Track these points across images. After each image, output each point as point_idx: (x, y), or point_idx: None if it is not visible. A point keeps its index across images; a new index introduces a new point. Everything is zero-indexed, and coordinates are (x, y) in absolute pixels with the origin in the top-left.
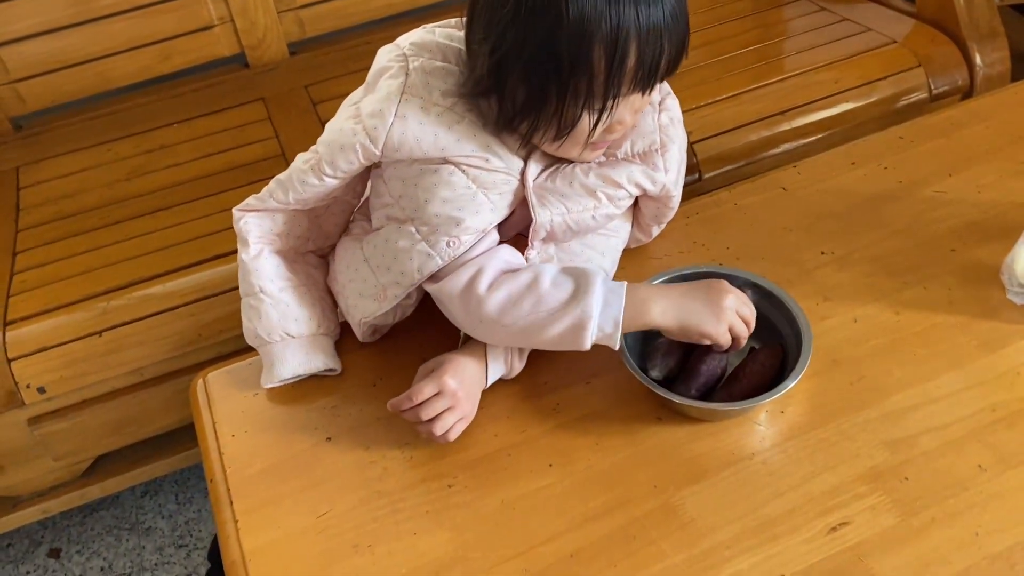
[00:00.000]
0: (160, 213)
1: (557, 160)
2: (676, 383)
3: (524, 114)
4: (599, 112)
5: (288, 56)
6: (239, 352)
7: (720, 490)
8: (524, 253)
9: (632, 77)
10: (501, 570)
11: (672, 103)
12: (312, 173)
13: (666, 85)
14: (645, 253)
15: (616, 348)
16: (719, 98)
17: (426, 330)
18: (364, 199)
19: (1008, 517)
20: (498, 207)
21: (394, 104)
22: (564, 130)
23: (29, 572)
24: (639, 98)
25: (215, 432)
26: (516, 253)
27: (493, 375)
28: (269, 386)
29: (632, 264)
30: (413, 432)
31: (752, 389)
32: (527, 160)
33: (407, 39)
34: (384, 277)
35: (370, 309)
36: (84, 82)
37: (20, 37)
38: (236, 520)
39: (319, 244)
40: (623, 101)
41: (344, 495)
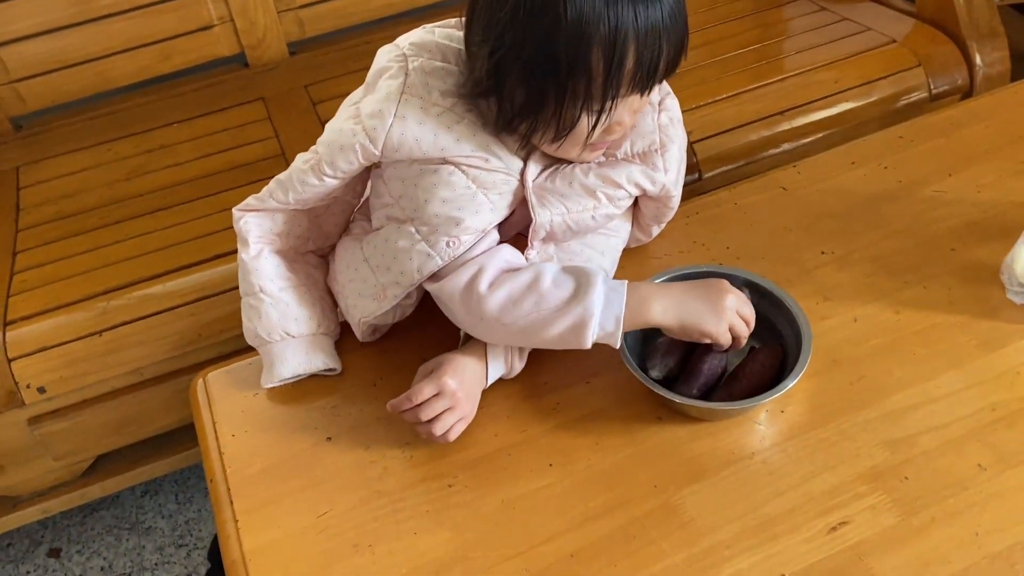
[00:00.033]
0: (160, 213)
1: (557, 160)
2: (677, 383)
3: (523, 115)
4: (598, 113)
5: (288, 56)
6: (239, 352)
7: (720, 490)
8: (524, 253)
9: (631, 78)
10: (501, 569)
11: (672, 103)
12: (312, 173)
13: (666, 85)
14: (645, 253)
15: (617, 347)
16: (719, 98)
17: (426, 329)
18: (364, 199)
19: (1008, 516)
20: (498, 207)
21: (394, 104)
22: (563, 131)
23: (29, 572)
24: (638, 99)
25: (215, 432)
26: (516, 253)
27: (493, 375)
28: (269, 386)
29: (632, 264)
30: (413, 432)
31: (752, 389)
32: (527, 160)
33: (407, 39)
34: (384, 277)
35: (370, 309)
36: (84, 82)
37: (20, 37)
38: (236, 520)
39: (319, 244)
40: (622, 102)
41: (344, 495)
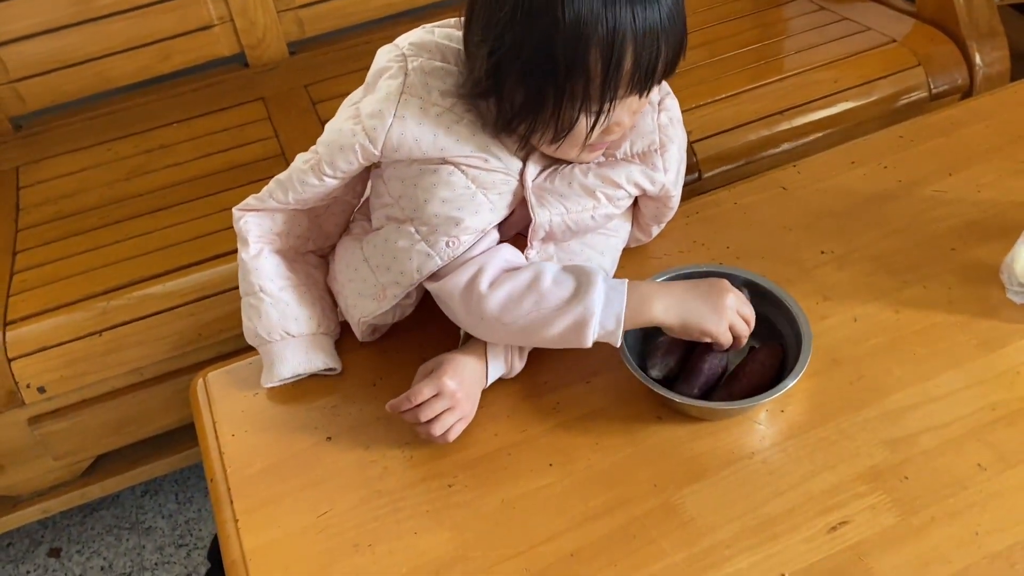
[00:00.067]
0: (160, 213)
1: (556, 160)
2: (677, 382)
3: (522, 116)
4: (596, 115)
5: (288, 56)
6: (239, 352)
7: (720, 489)
8: (523, 253)
9: (629, 80)
10: (501, 569)
11: (671, 103)
12: (312, 173)
13: (665, 85)
14: (645, 252)
15: (618, 345)
16: (719, 97)
17: (426, 329)
18: (364, 199)
19: (1008, 516)
20: (497, 207)
21: (393, 104)
22: (561, 132)
23: (29, 572)
24: (636, 100)
25: (215, 432)
26: (516, 252)
27: (493, 374)
28: (269, 385)
29: (632, 263)
30: (413, 432)
31: (752, 388)
32: (526, 160)
33: (406, 39)
34: (383, 277)
35: (369, 309)
36: (84, 82)
37: (20, 37)
38: (236, 519)
39: (319, 244)
40: (620, 103)
41: (344, 494)
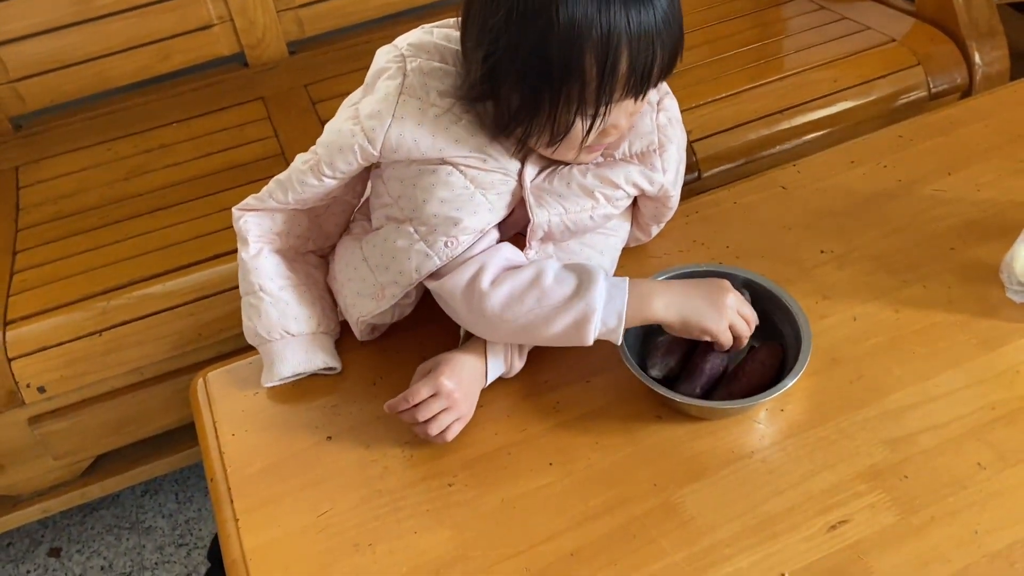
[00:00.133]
0: (159, 212)
1: (555, 160)
2: (679, 381)
3: (518, 120)
4: (592, 118)
5: (287, 55)
6: (239, 351)
7: (720, 488)
8: (523, 253)
9: (624, 83)
10: (501, 568)
11: (670, 103)
12: (311, 174)
13: (664, 85)
14: (645, 252)
15: (618, 343)
16: (718, 97)
17: (426, 328)
18: (365, 199)
19: (1007, 515)
20: (496, 207)
21: (392, 105)
22: (557, 136)
23: (29, 571)
24: (632, 103)
25: (215, 431)
26: (517, 251)
27: (493, 373)
28: (269, 385)
29: (631, 263)
30: (413, 431)
31: (752, 387)
32: (525, 161)
33: (405, 40)
34: (382, 276)
35: (368, 308)
36: (83, 82)
37: (19, 37)
38: (236, 519)
39: (319, 244)
40: (616, 107)
41: (345, 494)
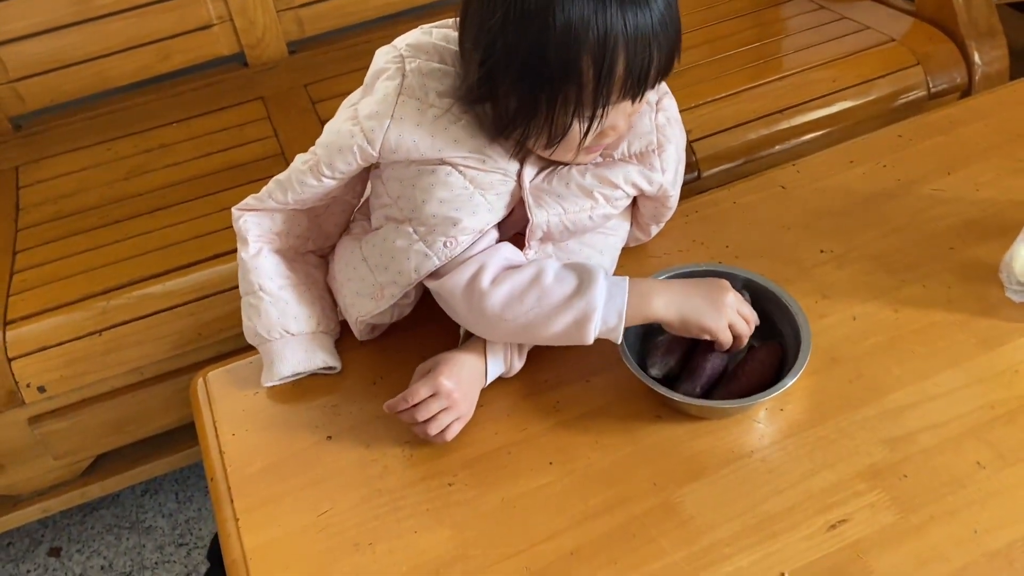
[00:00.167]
0: (159, 212)
1: (554, 161)
2: (680, 381)
3: (516, 122)
4: (589, 120)
5: (287, 55)
6: (239, 351)
7: (719, 488)
8: (522, 253)
9: (621, 85)
10: (502, 568)
11: (669, 103)
12: (311, 174)
13: (663, 84)
14: (644, 251)
15: (619, 342)
16: (718, 96)
17: (426, 328)
18: (365, 199)
19: (1007, 514)
20: (495, 207)
21: (391, 106)
22: (555, 138)
23: (30, 571)
24: (630, 105)
25: (215, 431)
26: (516, 251)
27: (492, 373)
28: (269, 384)
29: (631, 262)
30: (413, 431)
31: (751, 387)
32: (524, 161)
33: (404, 40)
34: (382, 276)
35: (367, 308)
36: (83, 81)
37: (19, 36)
38: (237, 518)
39: (319, 244)
40: (613, 109)
41: (345, 493)
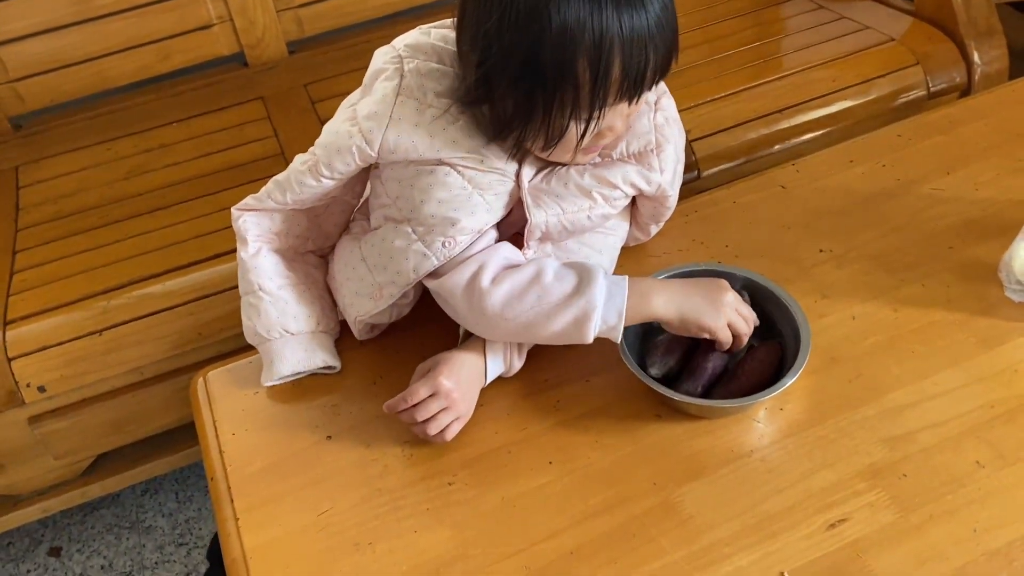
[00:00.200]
0: (159, 212)
1: (552, 161)
2: (680, 381)
3: (513, 124)
4: (586, 122)
5: (287, 55)
6: (239, 351)
7: (719, 487)
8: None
9: (618, 87)
10: (502, 567)
11: (668, 103)
12: (310, 174)
13: (662, 84)
14: (644, 251)
15: (618, 341)
16: (717, 96)
17: (426, 327)
18: (364, 199)
19: (1006, 513)
20: (494, 207)
21: (389, 106)
22: (552, 139)
23: (30, 571)
24: (627, 106)
25: (215, 430)
26: (516, 250)
27: (492, 372)
28: (269, 384)
29: (631, 262)
30: (413, 431)
31: (751, 386)
32: (522, 161)
33: (402, 41)
34: (380, 276)
35: (366, 308)
36: (83, 81)
37: (19, 36)
38: (237, 518)
39: (319, 244)
40: (610, 110)
41: (345, 493)
